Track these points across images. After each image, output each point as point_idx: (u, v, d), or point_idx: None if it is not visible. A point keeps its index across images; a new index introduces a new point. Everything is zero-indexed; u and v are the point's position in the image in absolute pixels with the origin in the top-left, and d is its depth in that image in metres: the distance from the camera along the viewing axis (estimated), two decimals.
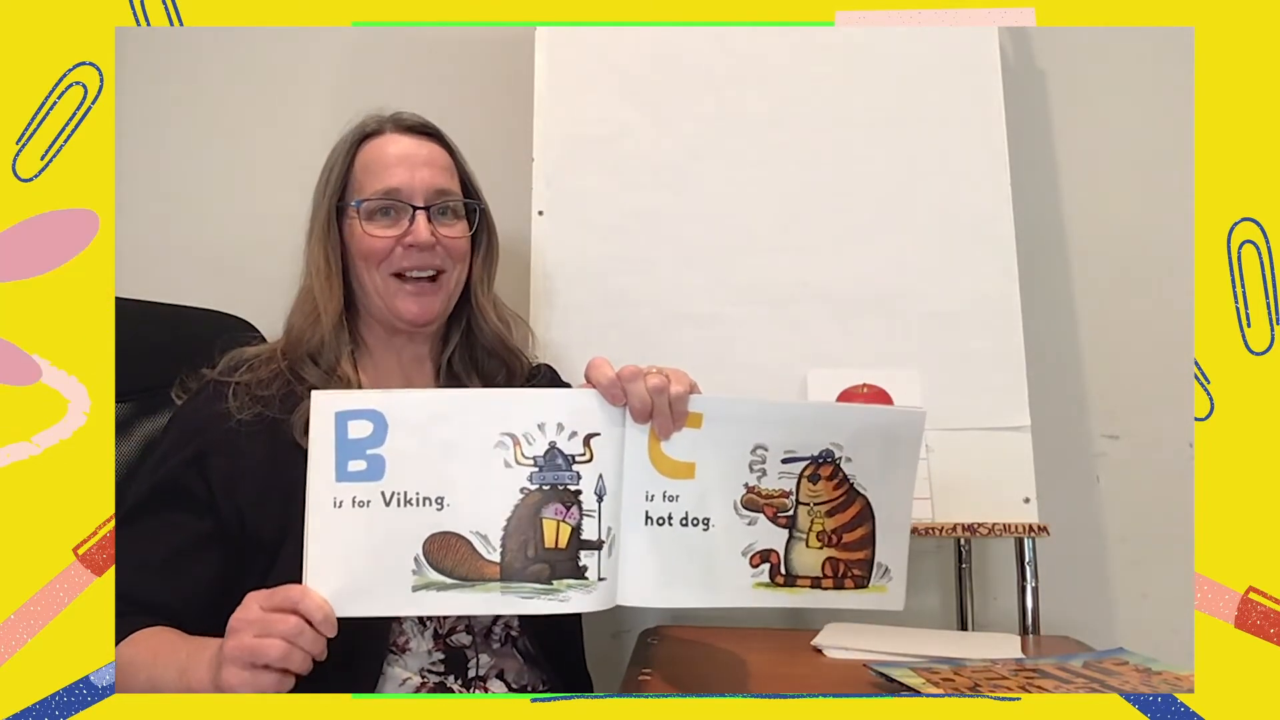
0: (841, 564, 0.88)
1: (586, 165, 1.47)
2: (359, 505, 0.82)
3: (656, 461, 0.86)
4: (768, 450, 0.87)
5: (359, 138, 1.13)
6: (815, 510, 0.88)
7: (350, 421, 0.83)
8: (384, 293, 1.09)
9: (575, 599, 0.83)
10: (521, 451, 0.84)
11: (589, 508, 0.84)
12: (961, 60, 1.46)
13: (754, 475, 0.87)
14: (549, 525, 0.84)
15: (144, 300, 1.23)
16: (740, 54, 1.48)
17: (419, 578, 0.82)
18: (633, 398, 0.84)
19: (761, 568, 0.86)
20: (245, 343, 1.12)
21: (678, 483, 0.86)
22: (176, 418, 1.09)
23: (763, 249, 1.44)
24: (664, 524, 0.85)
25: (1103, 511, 1.57)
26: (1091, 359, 1.59)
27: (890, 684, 0.99)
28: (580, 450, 0.85)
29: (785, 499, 0.87)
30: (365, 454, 0.83)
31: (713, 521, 0.86)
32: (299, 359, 1.08)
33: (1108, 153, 1.60)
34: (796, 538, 0.87)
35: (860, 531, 0.89)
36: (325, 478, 0.82)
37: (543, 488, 0.84)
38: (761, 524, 0.87)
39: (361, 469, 0.83)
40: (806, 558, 0.87)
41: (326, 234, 1.11)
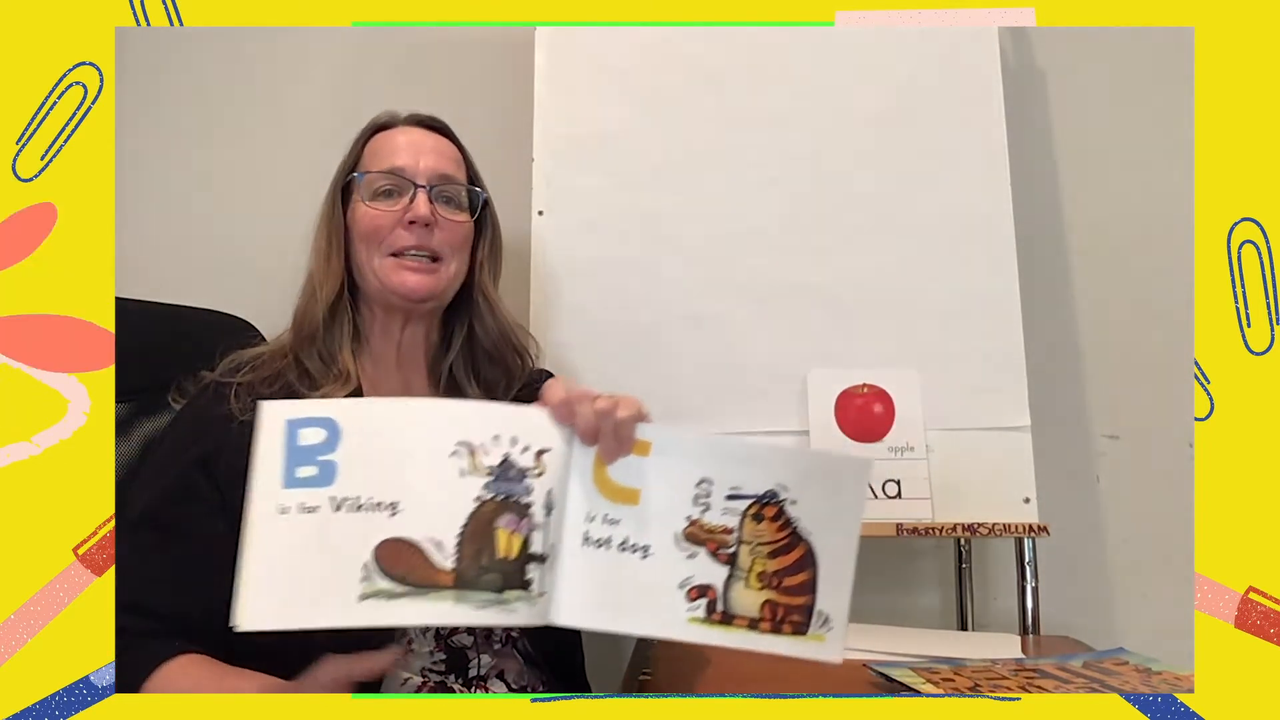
0: (781, 608, 0.86)
1: (586, 165, 1.47)
2: (306, 510, 0.80)
3: (601, 485, 0.86)
4: (713, 485, 0.87)
5: (372, 130, 1.15)
6: (757, 550, 0.87)
7: (301, 429, 0.81)
8: (380, 271, 1.09)
9: (522, 611, 0.82)
10: (477, 461, 0.83)
11: (538, 520, 0.84)
12: (961, 60, 1.46)
13: (698, 508, 0.87)
14: (502, 535, 0.83)
15: (144, 300, 1.23)
16: (740, 54, 1.48)
17: (367, 585, 0.79)
18: (579, 418, 0.85)
19: (699, 602, 0.86)
20: (245, 345, 1.12)
21: (620, 507, 0.86)
22: (179, 421, 1.08)
23: (763, 249, 1.44)
24: (602, 546, 0.85)
25: (1103, 511, 1.57)
26: (1091, 359, 1.59)
27: (890, 684, 0.99)
28: (533, 464, 0.85)
29: (728, 535, 0.87)
30: (316, 459, 0.81)
31: (652, 550, 0.86)
32: (301, 344, 1.09)
33: (1108, 153, 1.60)
34: (737, 576, 0.86)
35: (802, 576, 0.87)
36: (272, 484, 0.80)
37: (497, 498, 0.83)
38: (702, 558, 0.86)
39: (312, 474, 0.80)
40: (746, 598, 0.86)
41: (330, 215, 1.12)
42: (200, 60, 1.66)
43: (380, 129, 1.15)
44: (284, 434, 0.80)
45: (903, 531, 1.34)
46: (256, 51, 1.66)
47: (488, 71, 1.62)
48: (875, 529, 1.35)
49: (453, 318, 1.17)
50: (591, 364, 1.43)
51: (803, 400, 1.40)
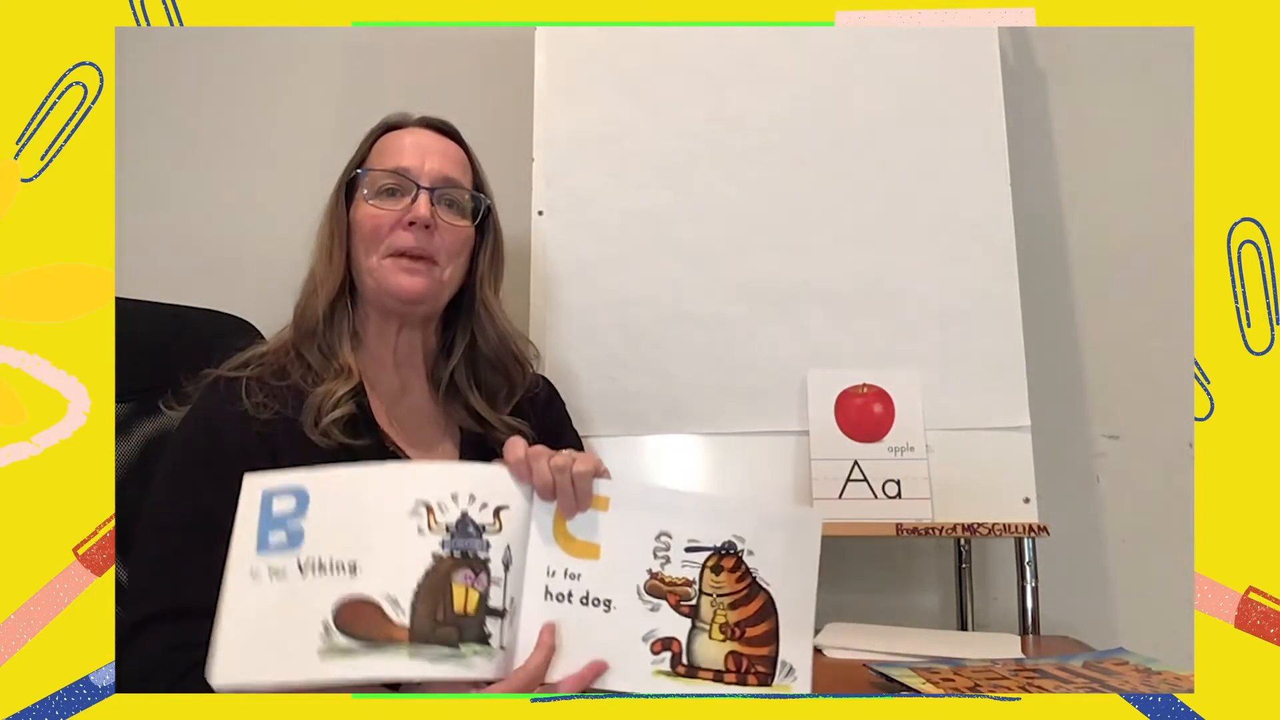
0: (745, 659, 0.88)
1: (586, 165, 1.47)
2: (275, 575, 0.83)
3: (562, 540, 0.88)
4: (671, 538, 0.89)
5: (382, 129, 1.15)
6: (718, 601, 0.89)
7: (275, 498, 0.85)
8: (377, 271, 1.09)
9: (479, 665, 0.84)
10: (434, 519, 0.86)
11: (496, 576, 0.86)
12: (961, 60, 1.46)
13: (658, 561, 0.89)
14: (459, 590, 0.85)
15: (144, 300, 1.23)
16: (740, 54, 1.48)
17: (326, 643, 0.82)
18: (536, 475, 0.88)
19: (663, 655, 0.87)
20: (244, 347, 1.10)
21: (582, 562, 0.88)
22: (194, 421, 1.03)
23: (763, 249, 1.44)
24: (564, 600, 0.87)
25: (1103, 511, 1.57)
26: (1091, 359, 1.59)
27: (890, 684, 0.99)
28: (490, 520, 0.87)
29: (689, 587, 0.89)
30: (286, 525, 0.84)
31: (614, 604, 0.88)
32: (302, 339, 1.09)
33: (1108, 153, 1.60)
34: (700, 628, 0.88)
35: (764, 627, 0.89)
36: (246, 551, 0.84)
37: (454, 554, 0.85)
38: (664, 611, 0.88)
39: (281, 540, 0.84)
40: (709, 649, 0.88)
41: (334, 211, 1.12)
42: (200, 60, 1.67)
43: (390, 129, 1.15)
44: (259, 503, 0.85)
45: (903, 531, 1.34)
46: (256, 51, 1.66)
47: (488, 71, 1.62)
48: (875, 529, 1.35)
49: (453, 324, 1.16)
50: (591, 364, 1.43)
51: (803, 400, 1.40)
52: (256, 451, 0.97)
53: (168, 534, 0.95)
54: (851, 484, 1.36)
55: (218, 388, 1.03)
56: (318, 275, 1.11)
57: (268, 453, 0.98)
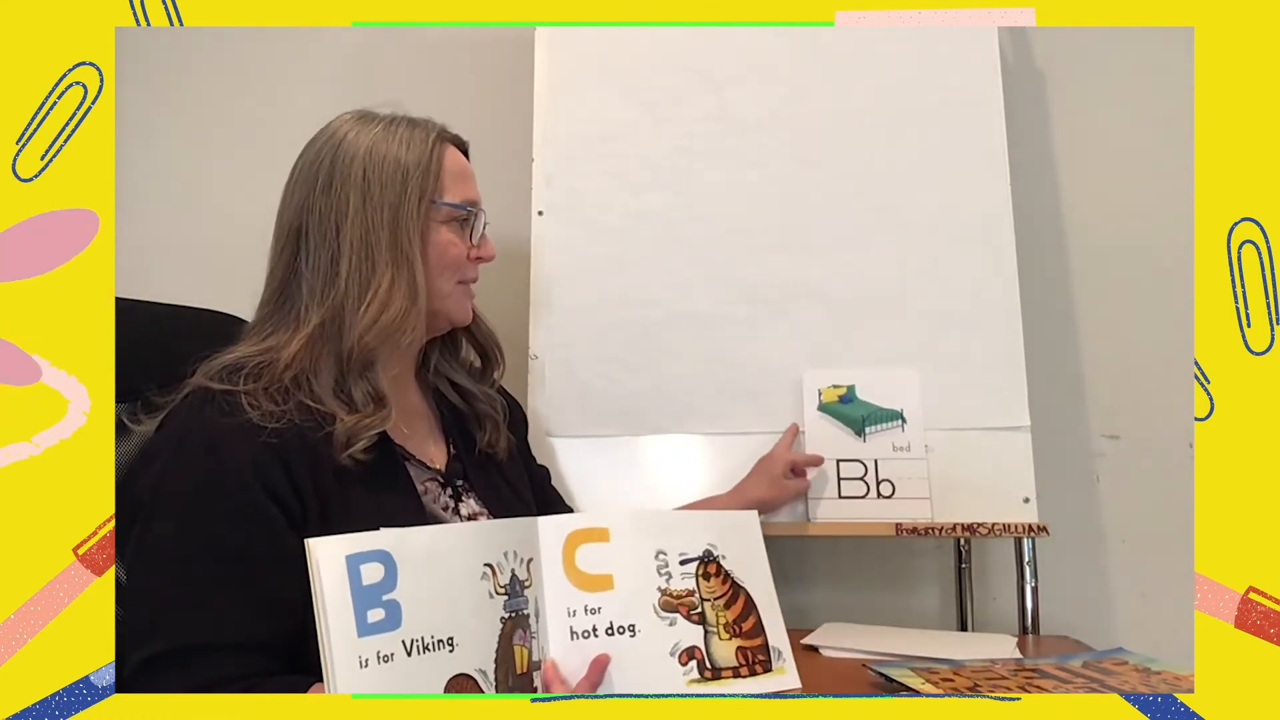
0: (749, 651, 0.95)
1: (586, 165, 1.47)
2: (383, 660, 0.79)
3: (575, 578, 0.92)
4: (667, 554, 0.95)
5: (440, 138, 1.09)
6: (715, 605, 0.95)
7: (362, 565, 0.80)
8: (451, 297, 1.09)
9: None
10: (498, 581, 0.87)
11: (533, 629, 0.89)
12: (961, 60, 1.46)
13: (662, 578, 0.94)
14: (519, 651, 0.87)
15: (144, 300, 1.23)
16: (740, 54, 1.48)
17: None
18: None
19: (690, 665, 0.92)
20: (206, 356, 1.02)
21: (599, 595, 0.92)
22: (192, 437, 0.94)
23: (763, 249, 1.44)
24: (589, 636, 0.90)
25: (1103, 511, 1.57)
26: (1091, 359, 1.59)
27: (890, 684, 1.00)
28: (525, 575, 0.89)
29: (692, 597, 0.95)
30: (382, 600, 0.80)
31: (638, 627, 0.92)
32: (357, 364, 1.01)
33: (1107, 153, 1.60)
34: (710, 632, 0.94)
35: (752, 620, 0.96)
36: (348, 635, 0.78)
37: (511, 615, 0.87)
38: (680, 623, 0.93)
39: (380, 619, 0.80)
40: (723, 649, 0.94)
41: (414, 229, 1.04)
42: (200, 60, 1.67)
43: (446, 140, 1.09)
44: (346, 572, 0.79)
45: (902, 531, 1.34)
46: (256, 51, 1.66)
47: (488, 71, 1.62)
48: (875, 529, 1.35)
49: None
50: (591, 364, 1.43)
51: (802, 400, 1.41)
52: (268, 463, 0.92)
53: (183, 565, 0.90)
54: (850, 483, 1.36)
55: (212, 399, 0.95)
56: (400, 292, 1.01)
57: (280, 464, 0.93)
